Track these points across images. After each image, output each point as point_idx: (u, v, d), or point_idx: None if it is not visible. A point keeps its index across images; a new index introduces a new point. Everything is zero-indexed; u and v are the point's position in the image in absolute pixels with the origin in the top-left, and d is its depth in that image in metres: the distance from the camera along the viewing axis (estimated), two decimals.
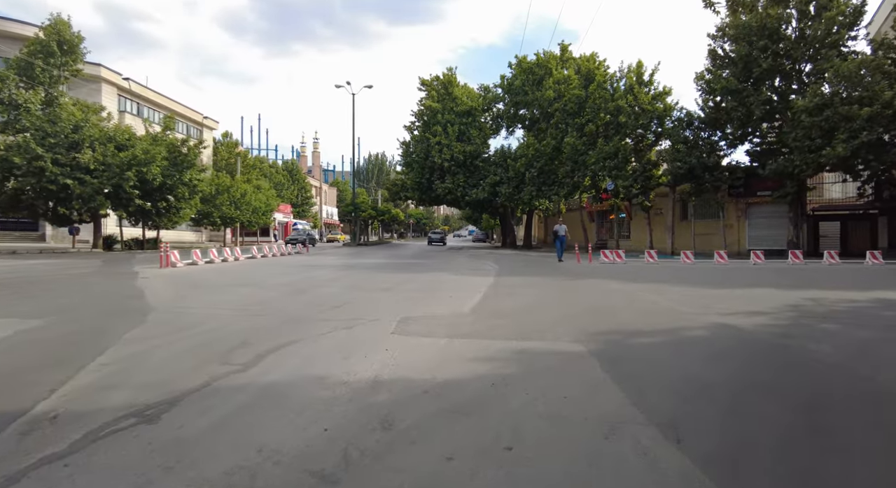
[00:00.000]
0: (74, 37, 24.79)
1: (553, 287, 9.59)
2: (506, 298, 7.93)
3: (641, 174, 24.25)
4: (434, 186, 32.36)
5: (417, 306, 7.05)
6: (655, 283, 10.21)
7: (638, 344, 4.66)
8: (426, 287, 9.57)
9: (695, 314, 6.29)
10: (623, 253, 17.54)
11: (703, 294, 8.43)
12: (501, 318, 6.09)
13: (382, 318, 6.05)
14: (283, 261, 17.73)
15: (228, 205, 37.72)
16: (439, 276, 11.93)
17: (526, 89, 31.25)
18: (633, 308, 6.87)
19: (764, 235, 24.26)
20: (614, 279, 11.13)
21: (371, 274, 12.49)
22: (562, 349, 4.50)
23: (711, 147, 23.21)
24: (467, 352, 4.41)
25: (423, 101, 33.25)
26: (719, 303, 7.18)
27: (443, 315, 6.33)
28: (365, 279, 11.10)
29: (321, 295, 8.32)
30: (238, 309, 6.81)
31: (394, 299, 7.85)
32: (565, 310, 6.75)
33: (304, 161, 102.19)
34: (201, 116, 52.72)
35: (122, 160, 23.89)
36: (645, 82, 25.21)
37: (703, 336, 5.02)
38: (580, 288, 9.40)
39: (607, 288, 9.39)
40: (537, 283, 10.35)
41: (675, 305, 7.07)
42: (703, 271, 13.76)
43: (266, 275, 11.96)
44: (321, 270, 13.54)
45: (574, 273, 12.98)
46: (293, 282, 10.24)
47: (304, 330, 5.32)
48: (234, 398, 3.16)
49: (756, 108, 20.33)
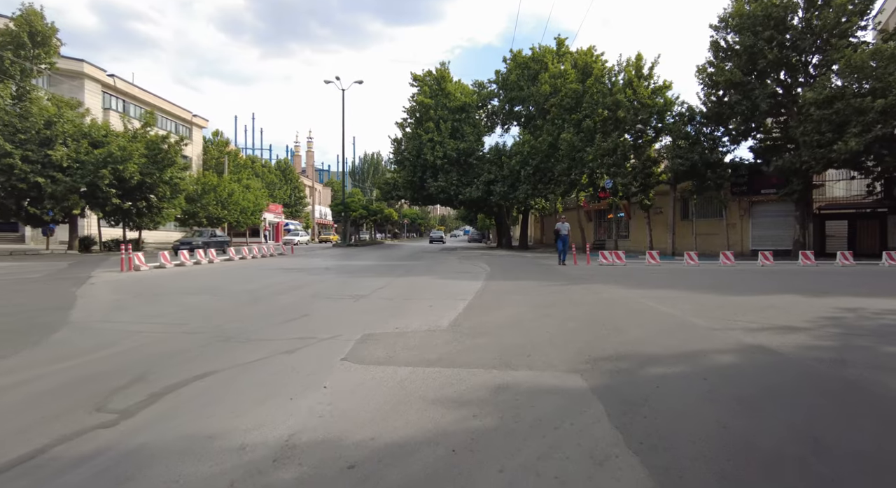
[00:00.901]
0: (47, 28, 23.54)
1: (547, 294, 8.53)
2: (493, 308, 6.87)
3: (641, 171, 23.24)
4: (426, 185, 31.25)
5: (388, 319, 5.98)
6: (662, 289, 9.16)
7: (654, 376, 3.60)
8: (405, 293, 8.50)
9: (716, 330, 5.23)
10: (623, 254, 16.47)
11: (718, 302, 7.38)
12: (484, 336, 5.02)
13: (340, 336, 4.98)
14: (260, 264, 16.62)
15: (215, 204, 36.54)
16: (423, 281, 10.85)
17: (521, 84, 30.21)
18: (640, 321, 5.81)
19: (768, 235, 23.31)
20: (616, 284, 10.07)
21: (349, 278, 11.40)
22: (556, 384, 3.43)
23: (714, 143, 22.22)
24: (432, 388, 3.34)
25: (415, 96, 32.15)
26: (741, 315, 6.12)
27: (414, 331, 5.27)
28: (339, 284, 10.01)
29: (279, 305, 7.23)
30: (171, 324, 5.72)
31: (363, 309, 6.78)
32: (561, 323, 5.69)
33: (297, 161, 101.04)
34: (190, 114, 51.53)
35: (96, 157, 22.71)
36: (644, 76, 24.18)
37: (735, 364, 3.96)
38: (578, 295, 8.33)
39: (609, 295, 8.33)
40: (530, 289, 9.28)
41: (690, 317, 6.02)
42: (711, 274, 12.73)
43: (231, 281, 10.85)
44: (296, 274, 12.43)
45: (571, 277, 11.93)
46: (256, 289, 9.14)
47: (233, 355, 4.24)
48: (54, 483, 2.08)
49: (761, 102, 19.34)
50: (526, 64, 30.81)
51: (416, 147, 30.87)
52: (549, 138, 26.83)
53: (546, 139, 26.94)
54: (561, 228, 17.03)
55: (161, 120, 45.75)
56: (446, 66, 32.83)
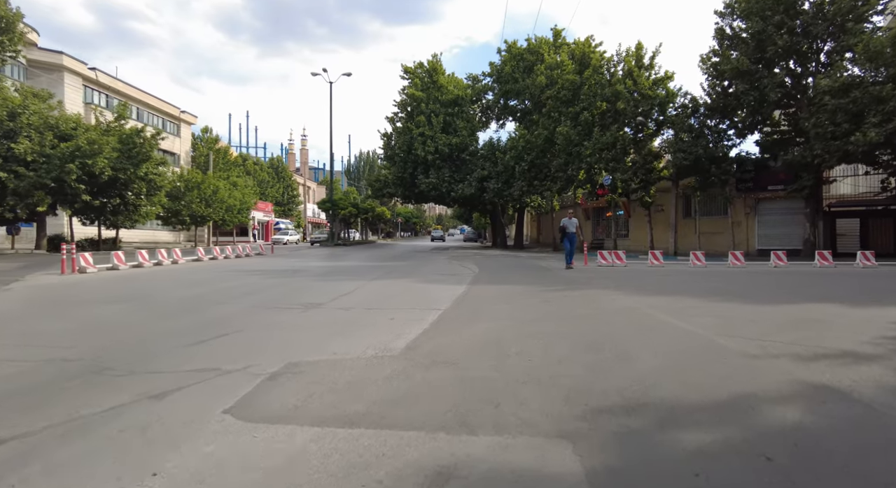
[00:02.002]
0: (11, 13, 22.09)
1: (537, 302, 7.24)
2: (467, 323, 5.58)
3: (642, 166, 21.96)
4: (418, 182, 29.92)
5: (331, 338, 4.69)
6: (672, 296, 7.87)
7: (687, 451, 2.31)
8: (370, 301, 7.20)
9: (756, 358, 3.94)
10: (624, 254, 15.17)
11: (746, 314, 6.09)
12: (444, 367, 3.73)
13: (252, 367, 3.68)
14: (227, 265, 15.28)
15: (199, 202, 35.08)
16: (399, 285, 9.56)
17: (516, 76, 28.91)
18: (653, 343, 4.53)
19: (775, 234, 22.08)
20: (618, 289, 8.78)
21: (315, 282, 10.09)
22: (532, 466, 2.14)
23: (718, 136, 20.98)
24: (335, 475, 2.05)
25: (405, 89, 30.81)
26: (779, 333, 4.84)
27: (356, 358, 3.97)
28: (298, 290, 8.70)
29: (208, 318, 5.92)
30: (45, 346, 4.41)
31: (308, 324, 5.48)
32: (549, 346, 4.40)
33: (292, 158, 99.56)
34: (178, 110, 50.13)
35: (63, 151, 21.30)
36: (645, 66, 22.91)
37: (802, 423, 2.67)
38: (574, 305, 7.04)
39: (611, 305, 7.04)
40: (518, 296, 7.99)
41: (716, 337, 4.73)
42: (723, 277, 11.46)
43: (177, 286, 9.53)
44: (257, 277, 11.11)
45: (567, 280, 10.64)
46: (195, 297, 7.83)
47: (77, 400, 2.93)
48: None
49: (770, 91, 18.10)
50: (521, 55, 29.51)
51: (407, 142, 29.54)
52: (544, 132, 25.54)
53: (542, 133, 25.65)
54: (567, 225, 14.67)
55: (147, 115, 44.37)
56: (438, 58, 31.52)
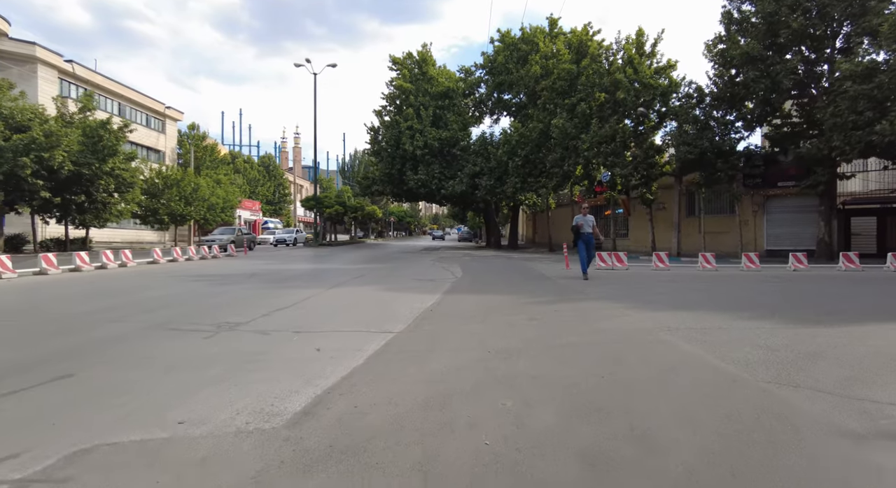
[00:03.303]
0: None
1: (520, 322, 5.66)
2: (415, 358, 4.01)
3: (643, 161, 20.42)
4: (406, 178, 28.30)
5: (197, 390, 3.12)
6: (691, 311, 6.31)
7: None
8: (305, 321, 5.62)
9: (861, 440, 2.40)
10: (625, 256, 13.61)
11: (798, 343, 4.52)
12: (338, 463, 2.16)
13: (15, 459, 2.10)
14: (180, 268, 13.63)
15: (178, 200, 33.36)
16: (358, 294, 7.98)
17: (510, 67, 27.33)
18: (685, 403, 2.97)
19: (785, 233, 20.60)
20: (622, 301, 7.22)
21: (260, 291, 8.50)
22: None
23: (726, 128, 19.48)
24: None
25: (393, 81, 29.18)
26: (873, 382, 3.29)
27: (198, 439, 2.40)
28: (228, 303, 7.11)
29: (61, 347, 4.31)
30: None
31: (193, 359, 3.90)
32: (525, 413, 2.84)
33: (285, 157, 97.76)
34: (163, 106, 48.35)
35: (16, 143, 19.63)
36: (646, 54, 21.39)
37: None
38: (567, 325, 5.47)
39: (614, 325, 5.47)
40: (497, 310, 6.43)
41: (775, 387, 3.18)
42: (742, 283, 9.92)
43: (86, 296, 7.90)
44: (198, 284, 9.49)
45: (559, 289, 9.07)
46: (94, 311, 6.21)
47: None
48: None
49: (783, 78, 16.59)
50: (515, 45, 27.94)
51: (395, 136, 27.92)
52: (539, 125, 23.99)
53: (536, 126, 24.09)
54: (583, 223, 11.36)
55: (129, 111, 42.59)
56: (428, 49, 29.91)
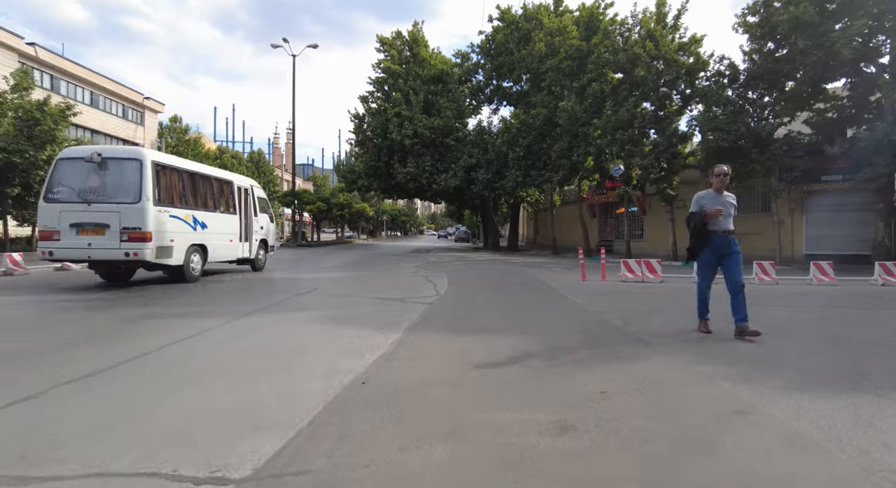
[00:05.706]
0: None
1: (536, 437, 2.73)
2: None
3: (665, 150, 17.56)
4: (393, 172, 25.38)
5: None
6: (849, 396, 3.42)
7: None
8: (63, 433, 2.71)
9: None
10: (658, 264, 10.62)
11: None
12: None
13: None
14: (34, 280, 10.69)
15: None
16: (269, 333, 5.05)
17: (510, 47, 24.40)
18: None
19: (828, 236, 17.74)
20: (718, 363, 4.28)
21: (137, 318, 5.58)
22: None
23: (762, 112, 16.66)
24: None
25: (381, 62, 26.24)
26: None
27: None
28: (43, 346, 4.19)
29: None
30: None
31: None
32: None
33: (277, 152, 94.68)
34: (141, 97, 45.25)
35: None
36: (668, 26, 18.53)
37: None
38: (649, 454, 2.54)
39: (765, 465, 2.54)
40: (487, 391, 3.53)
41: None
42: (849, 315, 7.04)
43: None
44: (45, 305, 6.57)
45: (590, 322, 6.16)
46: None
47: None
48: None
49: (843, 48, 13.74)
50: (517, 23, 25.02)
51: (381, 124, 25.01)
52: (543, 111, 21.09)
53: (540, 112, 21.20)
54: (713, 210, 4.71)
55: (104, 101, 39.64)
56: (420, 28, 26.99)
